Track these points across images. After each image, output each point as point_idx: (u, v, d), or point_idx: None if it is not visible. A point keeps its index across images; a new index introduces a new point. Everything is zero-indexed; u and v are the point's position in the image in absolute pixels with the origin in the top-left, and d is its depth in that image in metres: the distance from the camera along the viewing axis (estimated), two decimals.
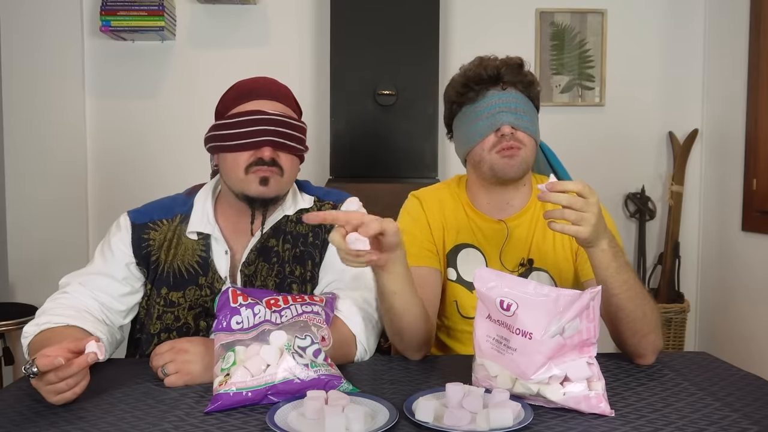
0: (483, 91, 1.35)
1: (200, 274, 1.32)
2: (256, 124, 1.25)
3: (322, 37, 2.97)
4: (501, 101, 1.34)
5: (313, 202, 1.40)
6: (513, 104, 1.34)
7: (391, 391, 1.07)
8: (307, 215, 1.05)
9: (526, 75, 1.38)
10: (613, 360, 1.25)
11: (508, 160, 1.33)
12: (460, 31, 3.05)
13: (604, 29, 3.05)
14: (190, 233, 1.34)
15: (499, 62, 1.37)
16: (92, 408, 0.99)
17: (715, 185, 3.01)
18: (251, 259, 1.33)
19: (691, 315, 3.06)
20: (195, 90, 2.97)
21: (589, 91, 3.08)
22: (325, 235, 1.35)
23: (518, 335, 0.98)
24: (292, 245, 1.34)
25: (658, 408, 1.00)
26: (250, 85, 1.32)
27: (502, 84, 1.36)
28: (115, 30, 2.83)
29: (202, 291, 1.31)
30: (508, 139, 1.32)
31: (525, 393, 0.99)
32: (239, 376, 0.98)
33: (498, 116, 1.33)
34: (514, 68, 1.36)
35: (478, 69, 1.37)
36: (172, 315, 1.30)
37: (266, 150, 1.25)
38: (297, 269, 1.33)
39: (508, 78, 1.36)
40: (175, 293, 1.31)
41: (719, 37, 2.98)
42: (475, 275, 1.04)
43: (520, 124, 1.33)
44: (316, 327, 1.08)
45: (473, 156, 1.38)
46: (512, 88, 1.36)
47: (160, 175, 2.97)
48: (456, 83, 1.40)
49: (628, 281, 1.16)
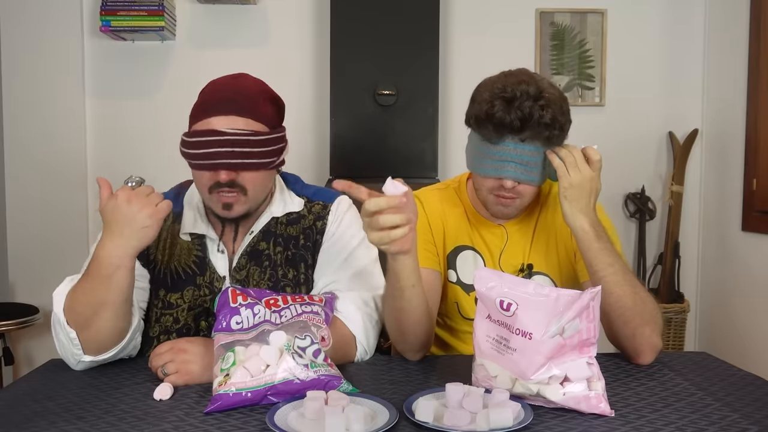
0: (501, 133, 1.24)
1: (198, 274, 1.31)
2: (211, 146, 1.19)
3: (322, 37, 2.97)
4: (515, 153, 1.24)
5: (303, 204, 1.37)
6: (526, 157, 1.25)
7: (391, 392, 1.07)
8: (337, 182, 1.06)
9: (553, 129, 1.24)
10: (613, 360, 1.25)
11: (502, 208, 1.33)
12: (460, 31, 3.04)
13: (604, 29, 3.05)
14: (183, 234, 1.33)
15: (528, 111, 1.21)
16: (92, 408, 0.99)
17: (715, 185, 3.01)
18: (242, 263, 1.32)
19: (691, 315, 3.06)
20: (195, 90, 2.92)
21: (589, 91, 3.08)
22: (316, 237, 1.34)
23: (518, 335, 0.98)
24: (283, 248, 1.33)
25: (657, 408, 1.00)
26: (210, 97, 1.25)
27: (522, 135, 1.24)
28: (115, 30, 2.83)
29: (201, 291, 1.30)
30: (508, 190, 1.29)
31: (525, 393, 0.99)
32: (239, 376, 0.98)
33: (506, 167, 1.25)
34: (541, 126, 1.22)
35: (506, 109, 1.22)
36: (171, 317, 1.29)
37: (222, 173, 1.21)
38: (290, 272, 1.32)
39: (530, 134, 1.23)
40: (173, 295, 1.30)
41: (719, 37, 2.98)
42: (475, 275, 1.04)
43: (526, 178, 1.27)
44: (316, 327, 1.08)
45: (475, 179, 1.37)
46: (531, 141, 1.25)
47: (160, 175, 2.96)
48: (481, 108, 1.25)
49: (614, 265, 1.19)
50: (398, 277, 1.13)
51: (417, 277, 1.14)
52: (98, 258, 1.13)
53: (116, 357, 1.21)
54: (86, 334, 1.14)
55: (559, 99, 1.26)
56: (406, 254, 1.09)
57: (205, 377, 1.09)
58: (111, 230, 1.13)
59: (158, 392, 1.03)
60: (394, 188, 1.05)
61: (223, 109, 1.22)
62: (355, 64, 2.72)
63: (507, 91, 1.23)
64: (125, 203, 1.12)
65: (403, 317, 1.19)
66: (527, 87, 1.22)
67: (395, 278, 1.13)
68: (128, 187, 1.15)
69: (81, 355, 1.16)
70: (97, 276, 1.12)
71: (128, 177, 1.17)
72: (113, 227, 1.13)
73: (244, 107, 1.23)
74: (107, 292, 1.12)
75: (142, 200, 1.13)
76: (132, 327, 1.20)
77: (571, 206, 1.22)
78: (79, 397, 1.04)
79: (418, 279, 1.14)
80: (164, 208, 1.14)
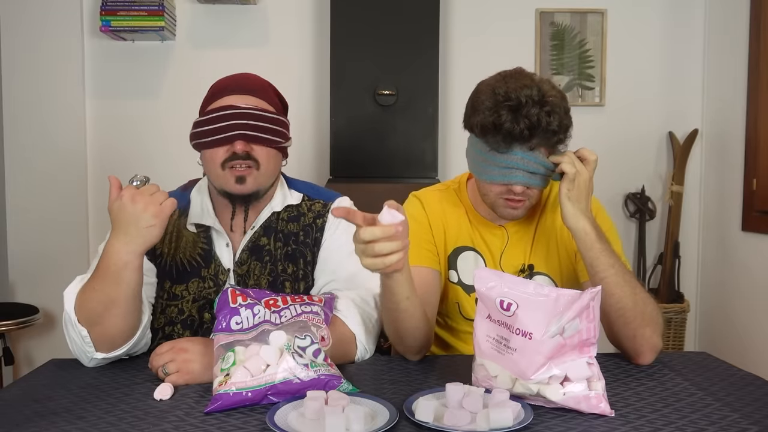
0: (509, 142, 1.22)
1: (203, 266, 1.33)
2: (227, 119, 1.26)
3: (322, 37, 2.97)
4: (523, 162, 1.23)
5: (302, 199, 1.40)
6: (533, 167, 1.24)
7: (391, 391, 1.07)
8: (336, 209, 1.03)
9: (560, 134, 1.24)
10: (613, 360, 1.25)
11: (512, 210, 1.31)
12: (460, 31, 3.04)
13: (604, 29, 3.05)
14: (190, 225, 1.35)
15: (536, 119, 1.19)
16: (92, 408, 0.99)
17: (715, 185, 3.01)
18: (243, 258, 1.34)
19: (691, 315, 3.06)
20: (195, 90, 2.93)
21: (589, 91, 3.08)
22: (316, 234, 1.36)
23: (518, 335, 0.98)
24: (283, 243, 1.35)
25: (658, 408, 1.00)
26: (224, 82, 1.33)
27: (530, 144, 1.23)
28: (115, 30, 2.83)
29: (206, 283, 1.32)
30: (517, 194, 1.28)
31: (525, 393, 0.99)
32: (239, 376, 0.98)
33: (514, 174, 1.24)
34: (548, 133, 1.22)
35: (513, 119, 1.20)
36: (176, 308, 1.31)
37: (238, 144, 1.26)
38: (289, 267, 1.34)
39: (538, 141, 1.22)
40: (179, 286, 1.32)
41: (719, 37, 2.98)
42: (475, 275, 1.04)
43: (535, 183, 1.26)
44: (316, 327, 1.08)
45: (481, 185, 1.34)
46: (538, 147, 1.24)
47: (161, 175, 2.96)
48: (486, 118, 1.22)
49: (615, 266, 1.19)
50: (392, 292, 1.12)
51: (411, 289, 1.13)
52: (106, 256, 1.14)
53: (129, 353, 1.23)
54: (97, 331, 1.15)
55: (561, 101, 1.24)
56: (399, 272, 1.09)
57: (206, 377, 1.09)
58: (117, 229, 1.14)
59: (158, 392, 1.03)
60: (391, 217, 1.00)
61: (236, 89, 1.30)
62: (355, 63, 2.72)
63: (511, 99, 1.20)
64: (130, 202, 1.13)
65: (399, 325, 1.19)
66: (530, 91, 1.20)
67: (389, 293, 1.13)
68: (133, 186, 1.16)
69: (93, 353, 1.17)
70: (105, 274, 1.14)
71: (133, 176, 1.18)
72: (119, 226, 1.14)
73: (256, 89, 1.32)
74: (116, 290, 1.14)
75: (146, 199, 1.13)
76: (143, 323, 1.22)
77: (573, 207, 1.22)
78: (79, 397, 1.04)
79: (412, 290, 1.14)
80: (168, 206, 1.15)
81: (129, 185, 1.16)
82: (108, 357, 1.19)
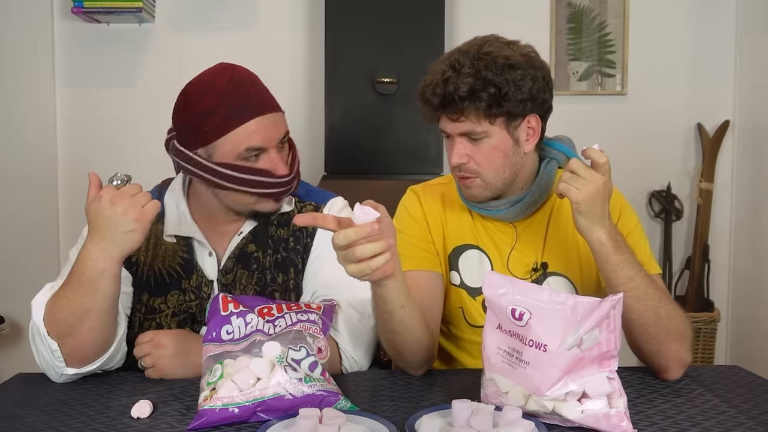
0: (438, 115, 1.32)
1: (183, 277, 1.32)
2: (265, 187, 1.27)
3: (315, 18, 2.97)
4: (451, 129, 1.31)
5: (294, 203, 1.40)
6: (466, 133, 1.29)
7: (391, 409, 1.08)
8: (299, 216, 1.02)
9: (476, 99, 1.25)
10: (636, 374, 1.26)
11: (465, 189, 1.35)
12: (467, 13, 3.04)
13: (626, 10, 3.05)
14: (167, 236, 1.34)
15: (452, 88, 1.25)
16: (63, 427, 1.00)
17: (749, 182, 3.01)
18: (229, 266, 1.33)
19: (721, 325, 3.06)
20: (176, 77, 2.89)
21: (609, 79, 3.08)
22: (306, 240, 1.35)
23: (532, 347, 0.98)
24: (273, 250, 1.35)
25: (685, 427, 1.00)
26: (238, 98, 1.25)
27: (450, 114, 1.28)
28: (88, 11, 2.83)
29: (186, 296, 1.31)
30: (460, 170, 1.32)
31: (539, 411, 0.99)
32: (226, 390, 0.99)
33: (450, 144, 1.33)
34: (455, 102, 1.26)
35: (433, 91, 1.29)
36: (154, 322, 1.31)
37: (270, 203, 1.31)
38: (279, 276, 1.34)
39: (455, 108, 1.27)
40: (157, 299, 1.32)
41: (753, 19, 2.98)
42: (484, 281, 1.05)
43: (474, 152, 1.30)
44: (312, 337, 1.08)
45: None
46: (467, 116, 1.27)
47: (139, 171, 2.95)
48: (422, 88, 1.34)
49: (635, 278, 1.18)
50: (385, 302, 1.12)
51: (406, 297, 1.13)
52: (81, 262, 1.13)
53: (102, 368, 1.23)
54: (69, 344, 1.15)
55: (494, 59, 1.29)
56: (390, 278, 1.07)
57: (180, 373, 1.14)
58: (94, 233, 1.14)
59: (136, 409, 1.04)
60: (364, 215, 0.99)
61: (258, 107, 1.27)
62: (352, 48, 2.72)
63: (442, 63, 1.31)
64: (108, 204, 1.12)
65: (396, 339, 1.19)
66: (457, 57, 1.29)
67: (382, 302, 1.12)
68: (113, 186, 1.15)
69: (63, 368, 1.17)
70: (79, 282, 1.13)
71: (113, 174, 1.17)
72: (96, 230, 1.13)
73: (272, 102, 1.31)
74: (91, 300, 1.13)
75: (127, 201, 1.13)
76: (118, 336, 1.22)
77: (586, 220, 1.20)
78: (48, 416, 1.04)
79: (407, 298, 1.14)
80: (151, 210, 1.15)
81: (108, 185, 1.15)
82: (80, 372, 1.19)
